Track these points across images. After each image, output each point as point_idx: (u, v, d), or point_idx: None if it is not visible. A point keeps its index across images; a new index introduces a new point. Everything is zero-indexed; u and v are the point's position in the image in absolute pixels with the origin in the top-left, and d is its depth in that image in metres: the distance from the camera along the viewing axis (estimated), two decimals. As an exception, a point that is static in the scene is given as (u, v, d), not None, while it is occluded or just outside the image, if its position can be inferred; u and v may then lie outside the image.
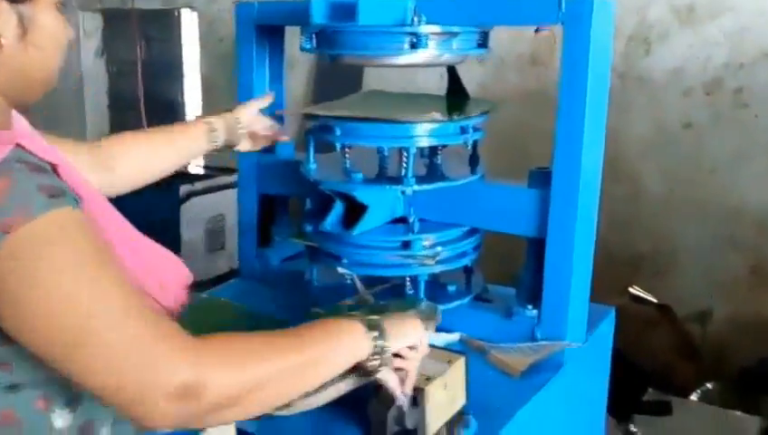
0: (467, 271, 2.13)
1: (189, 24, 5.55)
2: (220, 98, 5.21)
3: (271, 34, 2.30)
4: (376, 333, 1.35)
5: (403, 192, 1.94)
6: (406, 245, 1.96)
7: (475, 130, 1.98)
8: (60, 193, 1.06)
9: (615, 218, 3.68)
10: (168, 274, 1.35)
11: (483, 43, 1.98)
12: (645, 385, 3.25)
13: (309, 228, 2.05)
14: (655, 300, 3.59)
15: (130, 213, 1.77)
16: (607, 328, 2.15)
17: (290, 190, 2.34)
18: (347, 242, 1.96)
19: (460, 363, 1.59)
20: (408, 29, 1.81)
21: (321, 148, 2.04)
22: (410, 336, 1.43)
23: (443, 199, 1.99)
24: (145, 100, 5.44)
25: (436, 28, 1.83)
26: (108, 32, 6.02)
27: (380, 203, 1.95)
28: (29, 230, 1.01)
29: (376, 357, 1.35)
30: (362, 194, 1.89)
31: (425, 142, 1.93)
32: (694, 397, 3.29)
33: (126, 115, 5.95)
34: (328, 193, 1.94)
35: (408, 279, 2.03)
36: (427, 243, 1.97)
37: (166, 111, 5.70)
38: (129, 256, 1.23)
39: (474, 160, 2.08)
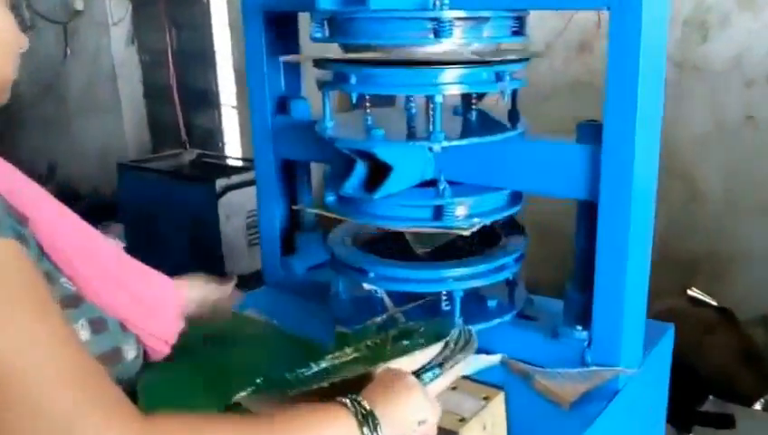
0: (509, 284, 1.93)
1: (219, 10, 5.44)
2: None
3: (282, 22, 2.12)
4: (366, 430, 1.09)
5: (431, 149, 1.71)
6: (437, 213, 1.76)
7: (514, 78, 1.76)
8: None
9: (672, 217, 3.52)
10: (159, 301, 1.21)
11: (519, 29, 1.76)
12: (705, 393, 3.05)
13: (330, 197, 1.87)
14: (714, 303, 3.39)
15: (167, 211, 1.64)
16: (665, 348, 1.95)
17: (307, 154, 2.14)
18: (367, 210, 1.80)
19: (499, 399, 1.41)
20: (430, 14, 1.61)
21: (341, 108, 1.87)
22: (410, 419, 1.17)
23: (478, 159, 1.77)
24: (178, 89, 5.36)
25: (461, 13, 1.62)
26: (137, 19, 5.96)
27: (406, 162, 1.74)
28: None
29: None
30: (384, 152, 1.69)
31: (454, 90, 1.70)
32: (757, 406, 3.08)
33: (162, 105, 5.91)
34: (347, 153, 1.75)
35: (442, 294, 1.83)
36: (461, 211, 1.77)
37: (200, 101, 5.62)
38: (107, 285, 1.10)
39: (513, 116, 1.87)
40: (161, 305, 1.21)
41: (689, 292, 3.46)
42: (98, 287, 1.09)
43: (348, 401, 1.10)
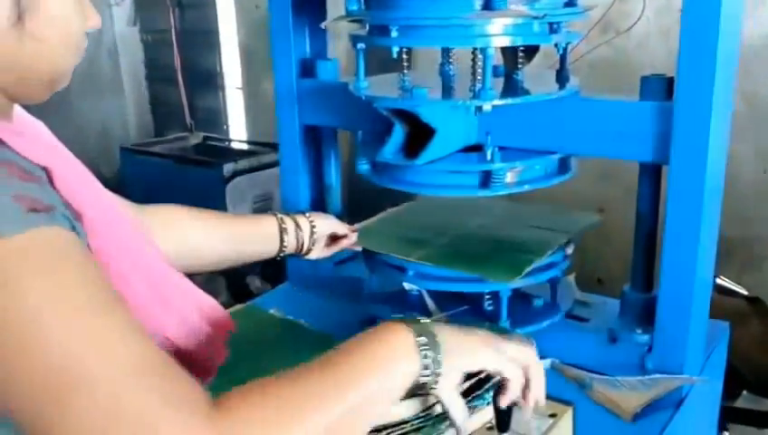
0: (555, 281, 1.79)
1: (223, -11, 5.30)
2: (260, 67, 4.93)
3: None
4: (424, 340, 1.01)
5: (479, 108, 1.56)
6: (485, 179, 1.62)
7: (569, 32, 1.62)
8: (45, 208, 0.82)
9: (702, 202, 3.32)
10: (203, 320, 1.09)
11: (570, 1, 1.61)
12: (738, 388, 2.92)
13: (363, 166, 1.74)
14: (745, 292, 3.22)
15: (172, 196, 1.53)
16: (723, 349, 1.82)
17: (337, 120, 1.97)
18: (406, 178, 1.67)
19: (567, 417, 1.27)
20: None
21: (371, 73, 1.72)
22: (480, 355, 1.07)
23: (528, 120, 1.62)
24: (182, 70, 5.24)
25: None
26: (139, -1, 5.82)
27: (450, 125, 1.60)
28: None
29: (427, 373, 1.01)
30: (428, 112, 1.54)
31: (503, 41, 1.54)
32: (798, 402, 2.94)
33: (165, 86, 5.80)
34: (385, 114, 1.59)
35: (486, 295, 1.70)
36: (510, 177, 1.63)
37: (204, 82, 5.50)
38: (154, 303, 1.00)
39: (563, 78, 1.71)
40: (210, 332, 1.10)
41: (718, 280, 3.33)
42: (145, 304, 0.99)
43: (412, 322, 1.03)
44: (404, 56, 1.68)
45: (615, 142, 1.55)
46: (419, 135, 1.56)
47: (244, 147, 4.96)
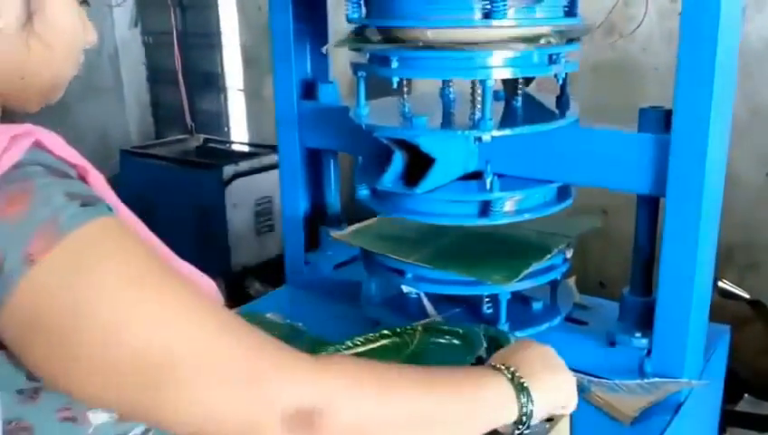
0: (554, 284, 1.78)
1: (225, -10, 5.28)
2: (261, 69, 4.92)
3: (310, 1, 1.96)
4: (524, 398, 1.05)
5: (479, 139, 1.57)
6: (484, 208, 1.63)
7: (568, 62, 1.62)
8: (94, 200, 0.83)
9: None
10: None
11: (571, 9, 1.60)
12: (739, 391, 2.91)
13: (363, 192, 1.73)
14: (747, 295, 3.19)
15: (172, 199, 1.51)
16: (723, 352, 1.82)
17: (337, 144, 1.99)
18: (405, 205, 1.67)
19: (565, 422, 1.26)
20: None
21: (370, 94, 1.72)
22: (560, 397, 1.14)
23: (527, 149, 1.63)
24: (183, 72, 5.21)
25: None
26: (140, 0, 5.81)
27: (449, 153, 1.60)
28: (60, 254, 0.78)
29: (519, 427, 1.06)
30: (428, 142, 1.55)
31: (505, 73, 1.57)
32: (797, 406, 2.92)
33: (166, 88, 5.78)
34: (385, 143, 1.60)
35: (485, 297, 1.69)
36: (509, 206, 1.64)
37: (205, 84, 5.50)
38: None
39: (563, 102, 1.72)
40: None
41: (720, 283, 3.31)
42: None
43: (503, 367, 1.07)
44: (404, 86, 1.69)
45: (612, 173, 1.56)
46: (419, 162, 1.57)
47: (245, 149, 4.94)
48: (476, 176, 1.66)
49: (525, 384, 1.05)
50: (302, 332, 1.77)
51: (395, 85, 1.59)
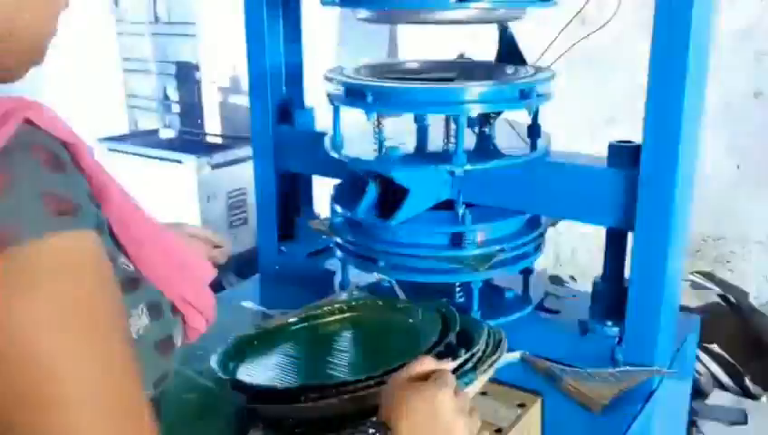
0: (527, 272, 1.79)
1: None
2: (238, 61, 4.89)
3: (288, 17, 1.97)
4: None
5: (452, 173, 1.60)
6: (455, 241, 1.64)
7: (539, 95, 1.64)
8: (71, 210, 0.77)
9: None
10: (200, 272, 1.09)
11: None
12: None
13: (337, 219, 1.74)
14: (718, 290, 3.27)
15: (144, 191, 1.49)
16: (693, 341, 1.83)
17: (312, 168, 2.00)
18: (381, 237, 1.66)
19: (536, 407, 1.27)
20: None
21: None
22: None
23: (499, 181, 1.65)
24: (158, 61, 5.16)
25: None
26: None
27: (423, 185, 1.63)
28: (12, 258, 0.72)
29: None
30: (402, 176, 1.57)
31: (478, 109, 1.59)
32: (765, 399, 2.93)
33: (141, 78, 5.74)
34: (359, 174, 1.62)
35: (457, 286, 1.69)
36: (480, 238, 1.65)
37: (180, 74, 5.44)
38: (164, 259, 0.99)
39: (534, 132, 1.75)
40: (202, 278, 1.09)
41: (691, 276, 3.34)
42: (165, 271, 0.98)
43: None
44: (377, 120, 1.71)
45: (580, 206, 1.58)
46: (393, 192, 1.59)
47: (219, 141, 4.92)
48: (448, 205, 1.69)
49: None
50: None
51: (369, 119, 1.63)
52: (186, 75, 5.47)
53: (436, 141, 1.73)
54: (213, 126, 5.46)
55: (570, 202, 1.59)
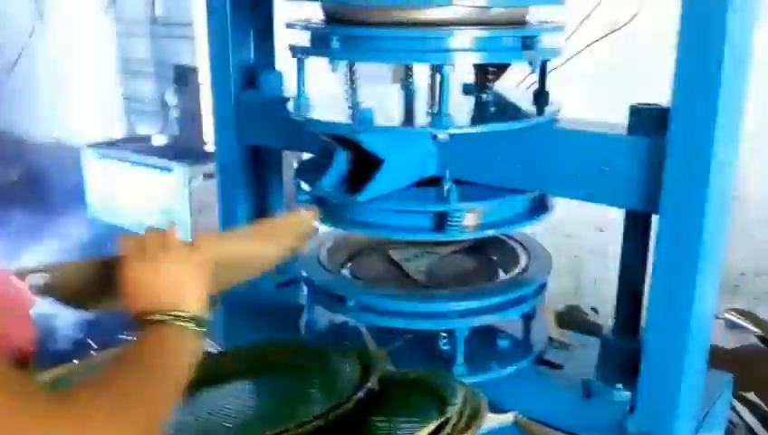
0: (526, 318, 1.56)
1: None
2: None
3: None
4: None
5: (435, 137, 1.34)
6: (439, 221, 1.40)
7: (545, 48, 1.39)
8: None
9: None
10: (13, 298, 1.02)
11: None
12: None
13: (302, 197, 1.51)
14: (757, 330, 3.06)
15: (134, 199, 1.32)
16: (724, 404, 1.56)
17: (281, 140, 1.74)
18: (348, 216, 1.45)
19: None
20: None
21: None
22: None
23: (494, 152, 1.40)
24: (156, 64, 5.20)
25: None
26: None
27: (400, 154, 1.39)
28: None
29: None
30: (373, 139, 1.34)
31: (468, 58, 1.34)
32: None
33: (138, 81, 5.64)
34: (325, 140, 1.41)
35: (442, 333, 1.46)
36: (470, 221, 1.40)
37: (179, 78, 5.33)
38: None
39: (541, 97, 1.47)
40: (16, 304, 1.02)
41: (727, 315, 3.12)
42: None
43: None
44: (349, 71, 1.50)
45: (594, 184, 1.31)
46: (367, 163, 1.35)
47: (211, 150, 4.78)
48: (435, 182, 1.43)
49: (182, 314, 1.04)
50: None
51: (333, 69, 1.36)
52: (184, 79, 5.33)
53: (421, 107, 1.51)
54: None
55: (580, 178, 1.32)
